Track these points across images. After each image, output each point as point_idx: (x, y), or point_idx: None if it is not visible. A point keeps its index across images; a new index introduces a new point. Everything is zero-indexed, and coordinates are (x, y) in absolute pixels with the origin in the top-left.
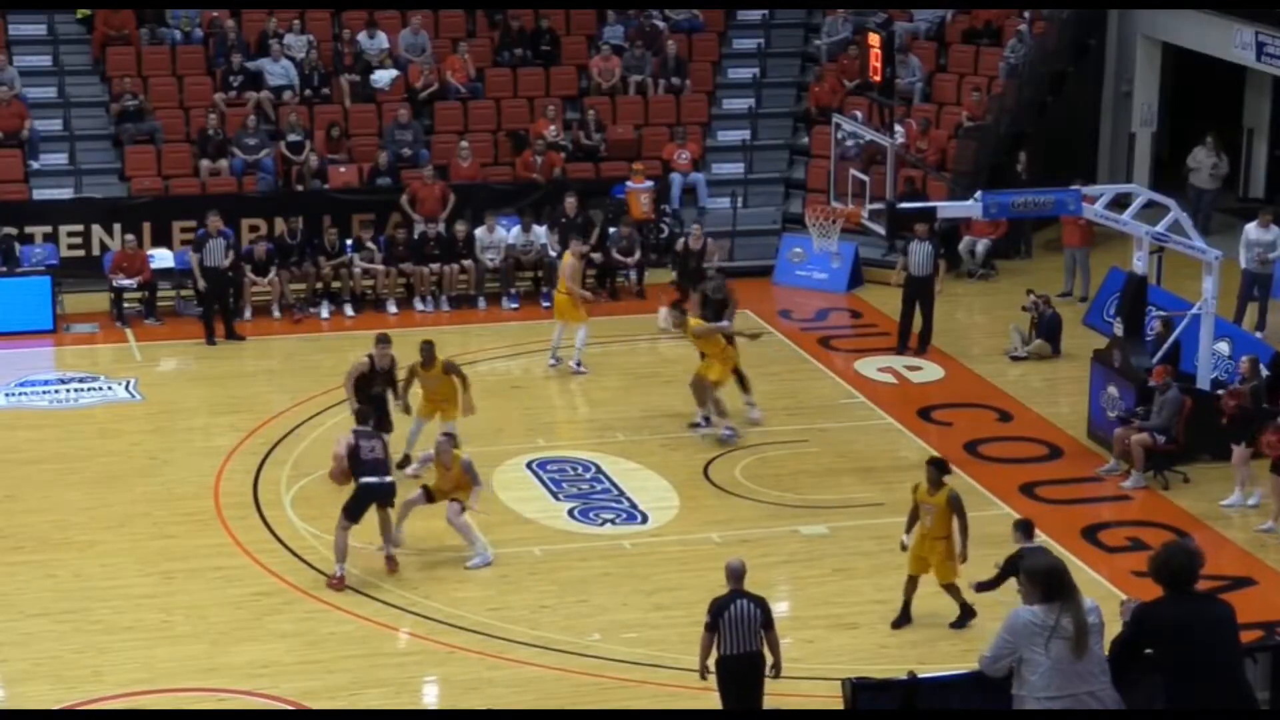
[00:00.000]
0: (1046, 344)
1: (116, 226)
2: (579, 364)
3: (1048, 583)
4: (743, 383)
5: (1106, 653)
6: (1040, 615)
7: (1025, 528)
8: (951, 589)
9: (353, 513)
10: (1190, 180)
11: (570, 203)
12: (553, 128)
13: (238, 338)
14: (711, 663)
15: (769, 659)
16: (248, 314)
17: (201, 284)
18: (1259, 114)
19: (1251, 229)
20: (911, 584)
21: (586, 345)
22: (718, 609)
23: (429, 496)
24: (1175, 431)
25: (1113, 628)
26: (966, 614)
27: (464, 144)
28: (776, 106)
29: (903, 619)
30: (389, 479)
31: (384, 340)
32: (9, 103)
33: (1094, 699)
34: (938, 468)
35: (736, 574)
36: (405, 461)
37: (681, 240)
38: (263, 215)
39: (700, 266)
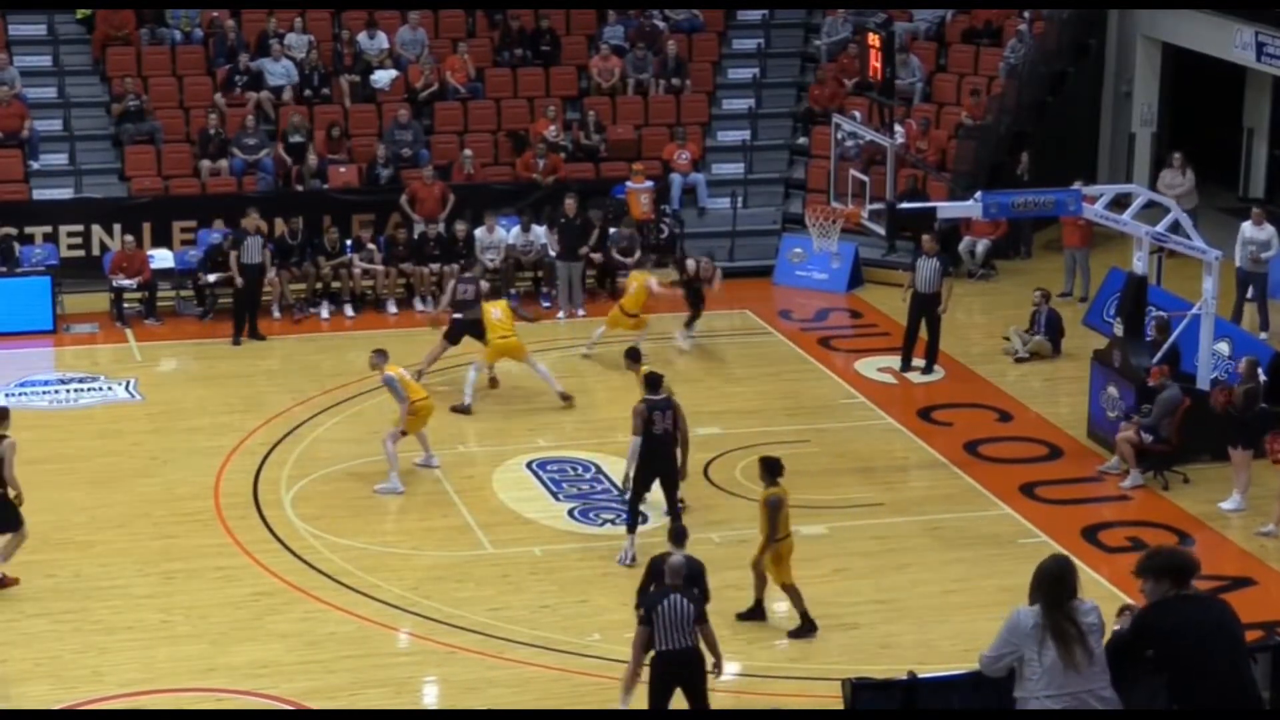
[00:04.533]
0: (1046, 341)
1: (116, 226)
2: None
3: (1032, 585)
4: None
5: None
6: (1039, 615)
7: (677, 536)
8: (789, 591)
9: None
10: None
11: (570, 203)
12: (553, 128)
13: (259, 336)
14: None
15: (709, 658)
16: None
17: (239, 281)
18: (1259, 114)
19: (1246, 227)
20: (762, 581)
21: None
22: (650, 604)
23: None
24: (1166, 431)
25: (1108, 629)
26: (807, 626)
27: (467, 152)
28: (776, 106)
29: (752, 613)
30: None
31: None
32: (9, 103)
33: (1094, 698)
34: (765, 467)
35: (675, 571)
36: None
37: (692, 263)
38: (263, 215)
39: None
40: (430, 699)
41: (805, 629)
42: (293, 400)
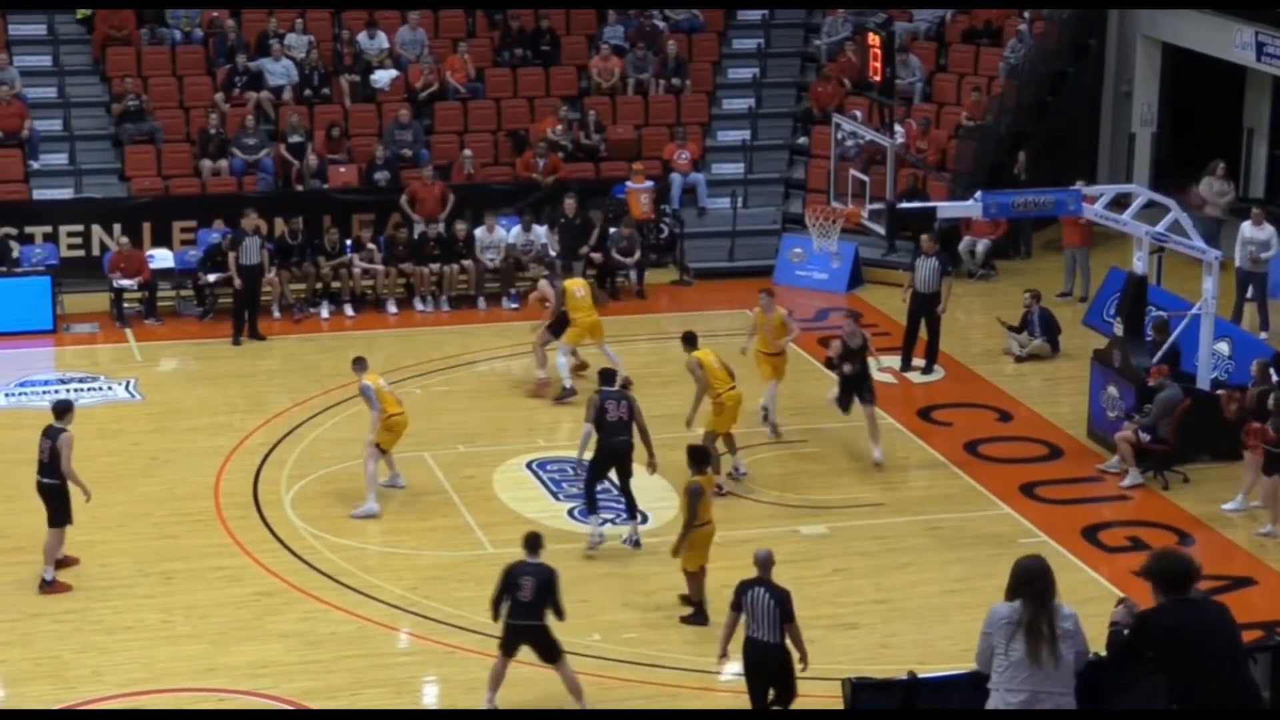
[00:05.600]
0: (1045, 343)
1: (116, 226)
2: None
3: (1015, 581)
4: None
5: (1105, 654)
6: (1011, 611)
7: (530, 542)
8: (693, 577)
9: None
10: (1206, 210)
11: (570, 203)
12: (559, 126)
13: (259, 337)
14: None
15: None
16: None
17: (237, 282)
18: (1259, 114)
19: (1246, 227)
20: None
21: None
22: (740, 589)
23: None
24: (1164, 431)
25: (1104, 625)
26: (698, 614)
27: (467, 152)
28: (776, 106)
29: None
30: None
31: None
32: (9, 103)
33: (1050, 699)
34: (692, 456)
35: (761, 563)
36: None
37: (838, 344)
38: (263, 215)
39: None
40: (430, 699)
41: (696, 617)
42: (292, 400)
